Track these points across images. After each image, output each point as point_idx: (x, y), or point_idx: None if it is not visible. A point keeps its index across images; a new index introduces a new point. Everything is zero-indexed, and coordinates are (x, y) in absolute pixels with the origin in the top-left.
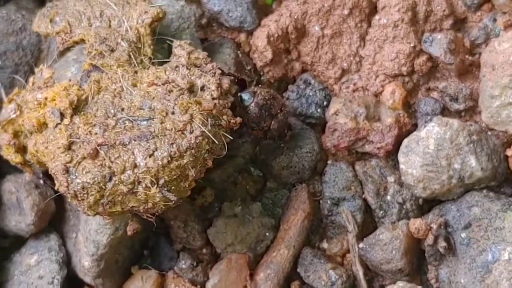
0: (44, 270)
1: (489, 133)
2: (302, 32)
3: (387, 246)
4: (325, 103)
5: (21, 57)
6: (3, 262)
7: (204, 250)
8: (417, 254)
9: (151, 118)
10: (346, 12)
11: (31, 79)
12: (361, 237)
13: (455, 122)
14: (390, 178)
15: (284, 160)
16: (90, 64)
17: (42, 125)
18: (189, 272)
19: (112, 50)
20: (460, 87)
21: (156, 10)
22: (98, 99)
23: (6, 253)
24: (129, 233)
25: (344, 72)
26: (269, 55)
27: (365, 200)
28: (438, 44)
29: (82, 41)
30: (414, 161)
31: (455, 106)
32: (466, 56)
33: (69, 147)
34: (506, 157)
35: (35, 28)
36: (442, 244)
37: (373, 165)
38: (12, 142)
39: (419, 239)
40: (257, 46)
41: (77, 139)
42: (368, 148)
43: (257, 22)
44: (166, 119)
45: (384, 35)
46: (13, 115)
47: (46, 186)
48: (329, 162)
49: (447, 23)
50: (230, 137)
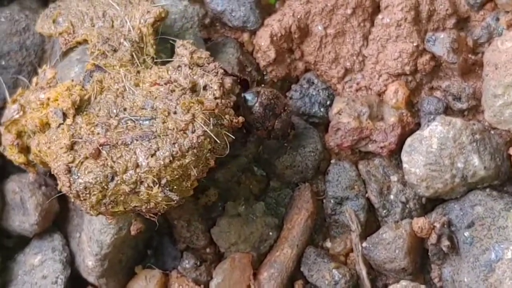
0: (47, 270)
1: (492, 132)
2: (305, 31)
3: (391, 245)
4: (328, 103)
5: (24, 57)
6: (7, 262)
7: (207, 250)
8: (420, 253)
9: (153, 118)
10: (349, 11)
11: (35, 80)
12: (364, 236)
13: (458, 121)
14: (393, 177)
15: (287, 159)
16: (93, 64)
17: (45, 125)
18: (192, 271)
19: (114, 50)
20: (463, 86)
21: (158, 10)
22: (101, 99)
23: (10, 253)
24: (132, 232)
25: (347, 71)
26: (272, 55)
27: (368, 199)
28: (441, 43)
29: (85, 41)
30: (417, 160)
31: (458, 105)
32: (469, 55)
33: (71, 147)
34: (509, 156)
35: (39, 29)
36: (445, 243)
37: (376, 164)
38: (15, 143)
39: (422, 238)
40: (260, 45)
41: (79, 139)
42: (371, 147)
43: (260, 21)
44: (168, 119)
45: (387, 35)
46: (16, 116)
47: (50, 187)
48: (332, 161)
49: (450, 22)
50: (232, 136)
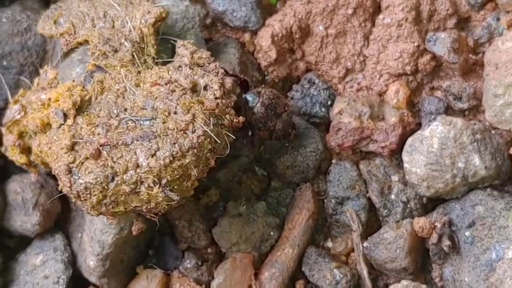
0: (49, 270)
1: (492, 132)
2: (306, 31)
3: (391, 245)
4: (329, 103)
5: (26, 57)
6: (9, 262)
7: (209, 250)
8: (421, 253)
9: (154, 118)
10: (350, 11)
11: (36, 80)
12: (365, 236)
13: (459, 121)
14: (394, 177)
15: (288, 159)
16: (94, 64)
17: (46, 125)
18: (194, 271)
19: (115, 51)
20: (463, 86)
21: (159, 10)
22: (101, 100)
23: (11, 253)
24: (134, 232)
25: (348, 71)
26: (273, 55)
27: (369, 199)
28: (442, 43)
29: (86, 42)
30: (418, 160)
31: (459, 105)
32: (470, 55)
33: (72, 148)
34: (510, 155)
35: (40, 30)
36: (446, 242)
37: (377, 164)
38: (17, 143)
39: (423, 238)
40: (261, 45)
41: (80, 140)
42: (372, 147)
43: (261, 22)
44: (168, 119)
45: (388, 35)
46: (17, 116)
47: (52, 187)
48: (333, 161)
49: (451, 22)
50: (232, 136)
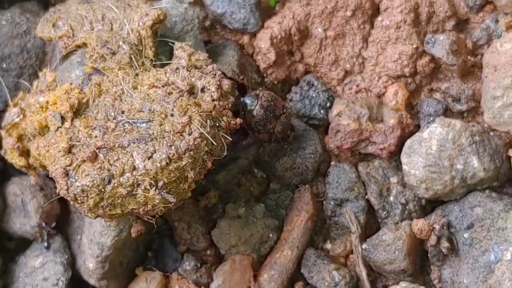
0: (48, 272)
1: (491, 133)
2: (305, 33)
3: (390, 246)
4: (328, 105)
5: (25, 60)
6: (8, 264)
7: (208, 252)
8: (420, 255)
9: (151, 121)
10: (349, 13)
11: (35, 83)
12: (364, 237)
13: (458, 123)
14: (393, 179)
15: (287, 161)
16: (92, 67)
17: (44, 128)
18: (193, 273)
19: (113, 53)
20: (462, 88)
21: (156, 12)
22: (99, 102)
23: (11, 255)
24: (133, 235)
25: (347, 73)
26: (272, 57)
27: (368, 201)
28: (441, 45)
29: (84, 44)
30: (416, 162)
31: (458, 107)
32: (468, 57)
33: (69, 151)
34: (509, 157)
35: (39, 33)
36: (445, 244)
37: (376, 166)
38: (16, 146)
39: (422, 240)
40: (260, 48)
41: (77, 142)
42: (371, 149)
43: (260, 24)
44: (165, 121)
45: (386, 37)
46: (16, 119)
47: (51, 189)
48: (332, 163)
49: (450, 24)
50: (229, 138)
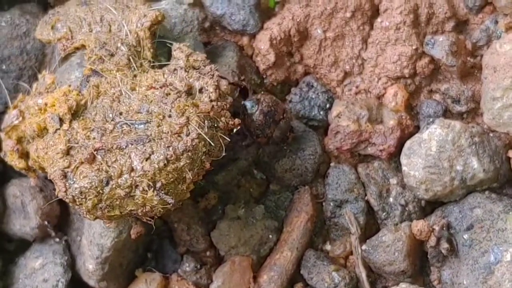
0: (48, 273)
1: (491, 134)
2: (304, 35)
3: (390, 247)
4: (327, 106)
5: (25, 61)
6: (8, 266)
7: (207, 253)
8: (419, 256)
9: (149, 122)
10: (348, 15)
11: (35, 85)
12: (364, 239)
13: (457, 124)
14: (393, 180)
15: (287, 162)
16: (90, 69)
17: (43, 130)
18: (192, 274)
19: (111, 55)
20: (462, 89)
21: (155, 13)
22: (97, 104)
23: (11, 256)
24: (133, 236)
25: (346, 74)
26: (271, 58)
27: (367, 202)
28: (440, 46)
29: (83, 46)
30: (416, 163)
31: (457, 108)
32: (468, 58)
33: (67, 152)
34: (508, 158)
35: (38, 35)
36: (444, 245)
37: (375, 167)
38: (15, 148)
39: (422, 241)
40: (259, 49)
41: (75, 144)
42: (370, 150)
43: (259, 25)
44: (163, 122)
45: (386, 38)
46: (15, 121)
47: (51, 190)
48: (331, 164)
49: (449, 26)
50: (228, 138)
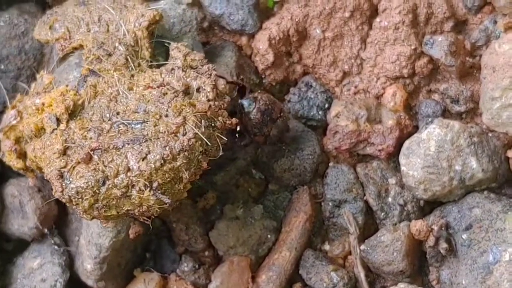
0: (46, 273)
1: (490, 134)
2: (303, 35)
3: (389, 247)
4: (326, 106)
5: (23, 61)
6: (6, 266)
7: (206, 253)
8: (418, 256)
9: (145, 121)
10: (347, 14)
11: (33, 85)
12: (362, 239)
13: (456, 124)
14: (391, 180)
15: (285, 162)
16: (88, 69)
17: (40, 130)
18: (191, 274)
19: (109, 55)
20: (461, 89)
21: (152, 13)
22: (94, 104)
23: (9, 256)
24: (131, 236)
25: (345, 74)
26: (270, 58)
27: (366, 202)
28: (439, 46)
29: (81, 46)
30: (415, 163)
31: (456, 108)
32: (467, 58)
33: (64, 152)
34: (507, 158)
35: (36, 35)
36: (443, 245)
37: (374, 167)
38: (13, 148)
39: (421, 241)
40: (258, 49)
41: (72, 144)
42: (369, 150)
43: (258, 25)
44: (159, 122)
45: (385, 38)
46: (13, 121)
47: (49, 190)
48: (330, 164)
49: (448, 26)
50: (225, 138)
